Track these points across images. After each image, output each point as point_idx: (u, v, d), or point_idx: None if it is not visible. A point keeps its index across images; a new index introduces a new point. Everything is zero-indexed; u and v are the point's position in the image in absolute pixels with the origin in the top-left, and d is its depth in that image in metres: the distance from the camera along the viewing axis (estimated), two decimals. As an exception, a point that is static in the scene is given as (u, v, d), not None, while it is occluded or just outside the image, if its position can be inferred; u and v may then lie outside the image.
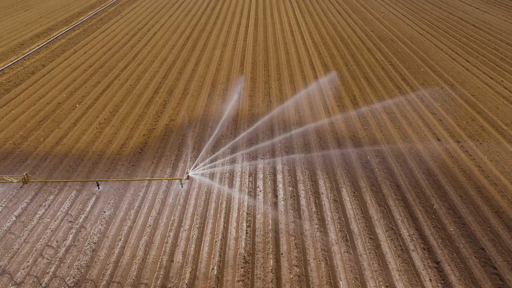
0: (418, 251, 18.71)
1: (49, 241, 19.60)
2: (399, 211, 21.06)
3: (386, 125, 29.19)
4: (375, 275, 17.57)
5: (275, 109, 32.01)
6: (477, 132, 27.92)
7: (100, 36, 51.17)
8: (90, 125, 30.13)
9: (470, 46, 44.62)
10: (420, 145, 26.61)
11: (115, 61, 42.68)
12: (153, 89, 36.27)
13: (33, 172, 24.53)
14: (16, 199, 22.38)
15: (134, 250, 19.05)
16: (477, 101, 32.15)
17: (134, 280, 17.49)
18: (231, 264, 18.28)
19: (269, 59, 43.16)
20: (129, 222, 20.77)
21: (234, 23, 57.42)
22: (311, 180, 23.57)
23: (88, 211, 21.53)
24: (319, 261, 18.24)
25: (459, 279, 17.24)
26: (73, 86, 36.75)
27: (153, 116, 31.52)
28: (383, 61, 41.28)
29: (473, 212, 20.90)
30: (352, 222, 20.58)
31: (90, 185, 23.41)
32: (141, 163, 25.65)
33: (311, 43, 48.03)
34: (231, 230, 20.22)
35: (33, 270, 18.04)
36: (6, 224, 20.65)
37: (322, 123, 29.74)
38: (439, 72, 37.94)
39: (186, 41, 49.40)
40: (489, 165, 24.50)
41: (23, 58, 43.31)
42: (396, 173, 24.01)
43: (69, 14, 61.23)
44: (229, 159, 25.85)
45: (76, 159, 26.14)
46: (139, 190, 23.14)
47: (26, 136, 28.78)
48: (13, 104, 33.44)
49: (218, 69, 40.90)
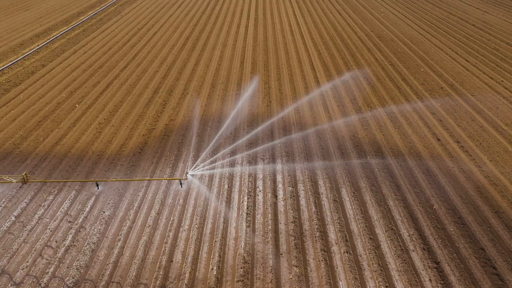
0: (418, 251, 18.68)
1: (49, 241, 19.57)
2: (399, 211, 21.03)
3: (386, 125, 29.17)
4: (374, 275, 17.54)
5: (274, 109, 31.99)
6: (477, 132, 27.89)
7: (100, 36, 51.15)
8: (89, 125, 30.11)
9: (470, 46, 44.58)
10: (420, 145, 26.58)
11: (114, 61, 42.65)
12: (153, 89, 36.24)
13: (32, 172, 24.51)
14: (15, 199, 22.36)
15: (133, 250, 19.03)
16: (477, 101, 32.12)
17: (134, 280, 17.47)
18: (230, 264, 18.25)
19: (269, 59, 43.13)
20: (128, 222, 20.75)
21: (234, 23, 57.39)
22: (310, 180, 23.54)
23: (87, 211, 21.51)
24: (318, 261, 18.21)
25: (459, 279, 17.21)
26: (73, 86, 36.73)
27: (153, 116, 31.49)
28: (383, 61, 41.25)
29: (473, 212, 20.87)
30: (351, 222, 20.56)
31: (90, 185, 23.39)
32: (141, 163, 25.63)
33: (311, 43, 48.00)
34: (231, 230, 20.20)
35: (32, 270, 18.02)
36: (5, 224, 20.63)
37: (322, 123, 29.73)
38: (439, 72, 37.90)
39: (186, 41, 49.37)
40: (489, 165, 24.47)
41: (23, 58, 43.29)
42: (395, 173, 23.99)
43: (69, 14, 61.22)
44: (227, 159, 25.83)
45: (75, 159, 26.11)
46: (139, 190, 23.12)
47: (26, 136, 28.76)
48: (12, 104, 33.42)
49: (218, 69, 40.86)
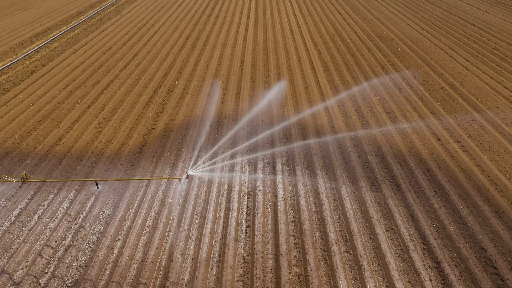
0: (418, 251, 18.65)
1: (48, 241, 19.54)
2: (399, 211, 21.00)
3: (386, 124, 29.14)
4: (375, 275, 17.51)
5: (274, 109, 31.96)
6: (477, 132, 27.86)
7: (100, 36, 51.10)
8: (89, 125, 30.07)
9: (470, 45, 44.54)
10: (420, 145, 26.54)
11: (114, 61, 42.61)
12: (153, 88, 36.20)
13: (32, 172, 24.47)
14: (15, 199, 22.33)
15: (133, 250, 19.00)
16: (477, 101, 32.08)
17: (133, 280, 17.44)
18: (230, 264, 18.23)
19: (269, 59, 43.08)
20: (128, 222, 20.72)
21: (234, 22, 57.35)
22: (310, 180, 23.51)
23: (87, 211, 21.48)
24: (318, 261, 18.18)
25: (459, 279, 17.18)
26: (73, 85, 36.69)
27: (153, 116, 31.45)
28: (383, 60, 41.21)
29: (473, 212, 20.84)
30: (351, 222, 20.52)
31: (89, 185, 23.36)
32: (141, 162, 25.59)
33: (311, 42, 47.96)
34: (231, 230, 20.17)
35: (32, 270, 17.98)
36: (5, 224, 20.59)
37: (322, 123, 29.70)
38: (439, 72, 37.86)
39: (185, 40, 49.33)
40: (489, 164, 24.44)
41: (23, 57, 43.24)
42: (396, 172, 23.95)
43: (68, 13, 61.17)
44: (228, 158, 25.80)
45: (75, 159, 26.07)
46: (138, 189, 23.08)
47: (25, 135, 28.72)
48: (12, 103, 33.38)
49: (218, 68, 40.82)
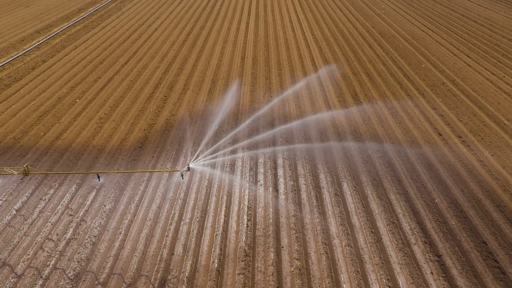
0: (419, 244, 18.63)
1: (49, 234, 19.55)
2: (400, 205, 20.98)
3: (387, 120, 29.09)
4: (376, 268, 17.51)
5: (275, 104, 31.92)
6: (479, 127, 27.81)
7: (101, 32, 51.04)
8: (90, 120, 30.06)
9: (472, 42, 44.43)
10: (421, 140, 26.51)
11: (115, 57, 42.57)
12: (154, 84, 36.17)
13: (33, 166, 24.47)
14: (16, 193, 22.34)
15: (134, 243, 19.01)
16: (479, 96, 32.02)
17: (134, 273, 17.45)
18: (231, 257, 18.23)
19: (270, 55, 43.02)
20: (129, 215, 20.73)
21: (234, 19, 57.25)
22: (312, 174, 23.49)
23: (88, 205, 21.49)
24: (320, 254, 18.18)
25: (460, 272, 17.17)
26: (74, 81, 36.67)
27: (154, 111, 31.43)
28: (384, 57, 41.13)
29: (474, 206, 20.81)
30: (353, 215, 20.51)
31: (91, 178, 23.36)
32: (142, 157, 25.59)
33: (312, 39, 47.87)
34: (232, 223, 20.17)
35: (33, 263, 18.01)
36: (6, 217, 20.62)
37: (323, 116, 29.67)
38: (441, 68, 37.79)
39: (186, 37, 49.26)
40: (490, 159, 24.40)
41: (24, 53, 43.22)
42: (397, 167, 23.93)
43: (69, 10, 61.10)
44: (228, 151, 25.78)
45: (76, 153, 26.07)
46: (140, 183, 23.08)
47: (26, 130, 28.72)
48: (13, 99, 33.38)
49: (219, 64, 40.77)
